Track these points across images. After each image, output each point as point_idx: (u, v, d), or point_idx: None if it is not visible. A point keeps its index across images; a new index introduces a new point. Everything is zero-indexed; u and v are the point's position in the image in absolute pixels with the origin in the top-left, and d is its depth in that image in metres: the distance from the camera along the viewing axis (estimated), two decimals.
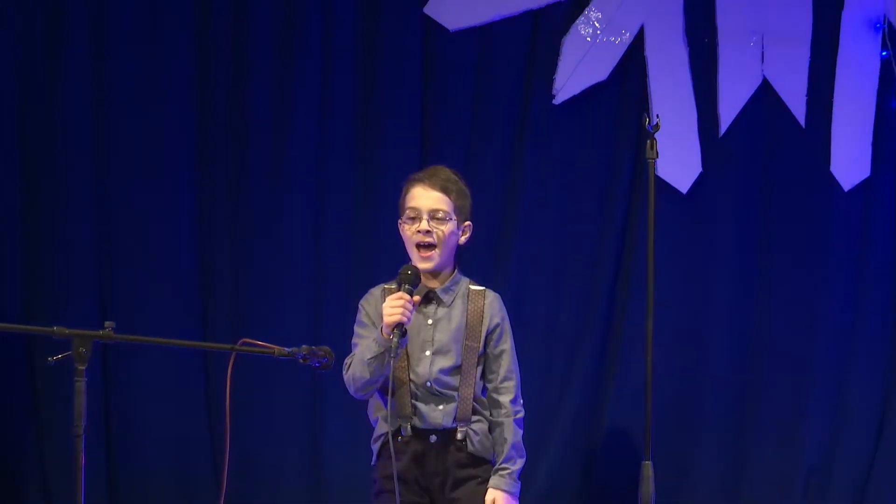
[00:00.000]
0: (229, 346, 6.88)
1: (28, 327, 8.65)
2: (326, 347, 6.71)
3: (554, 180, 9.85)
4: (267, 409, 9.60)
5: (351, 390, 7.07)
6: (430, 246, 7.00)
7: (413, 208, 7.04)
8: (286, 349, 6.73)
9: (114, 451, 9.66)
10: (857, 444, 9.97)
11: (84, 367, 6.31)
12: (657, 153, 7.22)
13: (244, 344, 6.82)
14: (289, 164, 9.76)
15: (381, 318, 6.74)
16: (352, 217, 9.79)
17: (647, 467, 7.13)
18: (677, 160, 9.71)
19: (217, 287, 9.78)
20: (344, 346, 7.19)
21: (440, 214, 7.02)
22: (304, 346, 6.73)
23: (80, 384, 6.30)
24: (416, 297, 6.85)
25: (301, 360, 6.69)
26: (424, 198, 7.05)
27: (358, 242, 9.78)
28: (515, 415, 7.11)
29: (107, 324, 6.43)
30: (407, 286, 6.77)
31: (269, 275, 9.80)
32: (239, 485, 9.08)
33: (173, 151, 9.72)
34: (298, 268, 9.80)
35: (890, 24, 9.75)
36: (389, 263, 7.96)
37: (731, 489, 9.93)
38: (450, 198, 7.06)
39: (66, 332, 6.38)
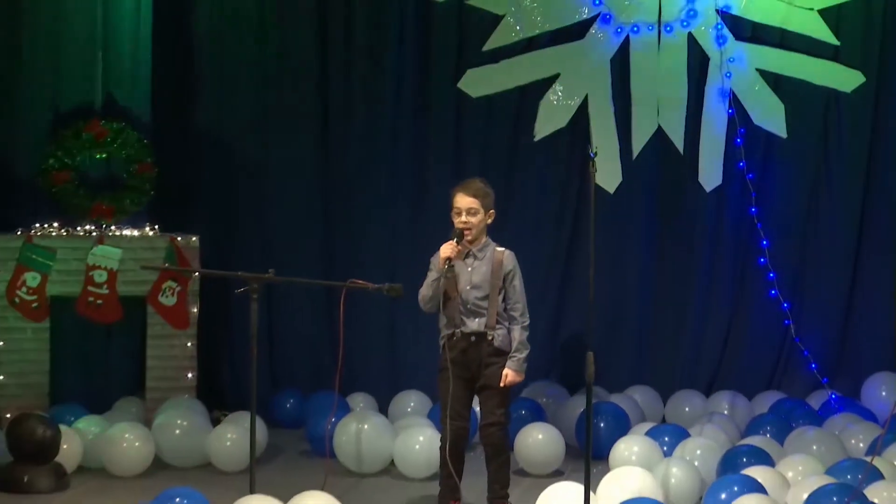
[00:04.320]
0: (342, 283, 7.96)
1: (223, 272, 8.98)
2: (399, 284, 7.78)
3: (534, 184, 10.72)
4: (363, 322, 10.51)
5: (421, 305, 7.73)
6: (468, 229, 7.66)
7: (457, 207, 7.67)
8: (375, 285, 7.77)
9: (274, 349, 10.70)
10: (713, 343, 10.81)
11: (256, 297, 7.44)
12: (596, 169, 7.37)
13: (351, 282, 7.88)
14: (375, 175, 10.69)
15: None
16: (412, 203, 10.71)
17: (590, 356, 7.27)
18: (608, 173, 10.46)
19: (336, 247, 10.68)
20: (408, 282, 7.98)
21: (472, 210, 7.64)
22: (386, 283, 7.79)
23: (254, 305, 7.42)
24: (459, 247, 7.56)
25: (385, 293, 7.71)
26: (462, 201, 7.67)
27: (414, 218, 10.67)
28: (522, 324, 7.73)
29: (270, 270, 7.62)
30: (455, 238, 7.57)
31: (366, 238, 10.65)
32: (348, 370, 9.75)
33: (307, 166, 10.62)
34: (381, 240, 10.69)
35: (734, 94, 10.45)
36: (434, 231, 9.15)
37: (640, 368, 10.78)
38: (479, 199, 7.65)
39: (246, 275, 7.57)
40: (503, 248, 7.82)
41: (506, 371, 7.72)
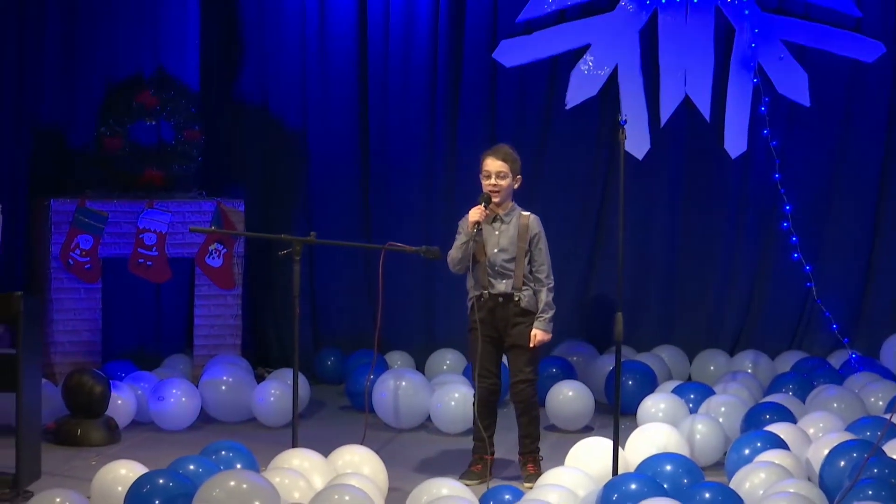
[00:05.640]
0: (381, 246, 8.07)
1: (268, 235, 9.22)
2: (436, 247, 7.84)
3: (565, 150, 10.64)
4: (401, 283, 10.40)
5: (450, 267, 7.68)
6: (496, 192, 7.63)
7: (486, 171, 7.61)
8: (413, 247, 7.83)
9: (315, 308, 10.69)
10: (737, 304, 10.73)
11: (299, 258, 7.45)
12: (626, 136, 7.31)
13: (390, 245, 7.97)
14: (411, 143, 10.60)
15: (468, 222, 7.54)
16: (447, 169, 10.63)
17: (619, 316, 7.20)
18: (636, 140, 10.38)
19: (375, 211, 10.62)
20: (443, 244, 7.99)
21: (501, 174, 7.58)
22: (423, 245, 7.86)
23: (297, 267, 7.42)
24: (487, 212, 7.52)
25: (422, 254, 7.76)
26: (492, 164, 7.61)
27: (449, 184, 10.60)
28: (548, 285, 7.66)
29: (312, 233, 7.69)
30: (483, 203, 7.53)
31: (403, 203, 10.61)
32: (386, 329, 9.93)
33: (347, 133, 10.58)
34: (418, 204, 10.64)
35: (759, 64, 10.35)
36: (467, 196, 8.80)
37: (666, 328, 10.72)
38: (507, 163, 7.59)
39: (289, 237, 7.65)
40: (528, 213, 7.80)
41: (534, 332, 7.68)
